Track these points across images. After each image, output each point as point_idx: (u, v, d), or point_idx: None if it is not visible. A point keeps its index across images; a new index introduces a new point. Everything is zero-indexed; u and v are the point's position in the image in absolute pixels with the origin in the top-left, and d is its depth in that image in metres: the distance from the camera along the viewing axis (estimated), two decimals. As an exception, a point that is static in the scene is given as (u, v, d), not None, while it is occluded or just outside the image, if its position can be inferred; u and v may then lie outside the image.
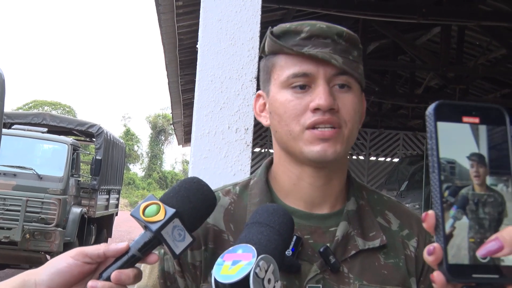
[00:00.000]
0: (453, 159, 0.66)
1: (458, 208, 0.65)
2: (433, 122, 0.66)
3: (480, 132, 0.67)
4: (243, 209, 1.12)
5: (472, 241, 0.64)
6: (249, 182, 1.17)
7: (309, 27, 1.05)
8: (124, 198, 34.91)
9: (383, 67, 8.02)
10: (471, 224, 0.65)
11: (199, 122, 2.01)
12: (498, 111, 0.68)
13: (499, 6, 6.10)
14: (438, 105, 0.66)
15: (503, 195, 0.66)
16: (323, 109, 1.01)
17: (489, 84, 8.93)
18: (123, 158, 14.35)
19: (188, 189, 0.96)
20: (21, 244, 8.53)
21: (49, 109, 38.64)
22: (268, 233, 0.91)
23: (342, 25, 1.12)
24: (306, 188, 1.10)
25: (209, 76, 2.01)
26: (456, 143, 0.66)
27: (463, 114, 0.67)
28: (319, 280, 1.04)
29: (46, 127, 10.67)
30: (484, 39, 7.28)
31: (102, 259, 0.90)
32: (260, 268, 0.82)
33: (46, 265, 0.90)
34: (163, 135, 46.31)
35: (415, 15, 4.96)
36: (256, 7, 2.01)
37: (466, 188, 0.65)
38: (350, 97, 1.05)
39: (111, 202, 12.89)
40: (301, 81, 1.04)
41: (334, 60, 1.02)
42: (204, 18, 2.02)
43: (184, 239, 0.91)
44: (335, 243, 1.06)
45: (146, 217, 0.89)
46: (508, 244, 0.62)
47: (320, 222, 1.10)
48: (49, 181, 9.28)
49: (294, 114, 1.04)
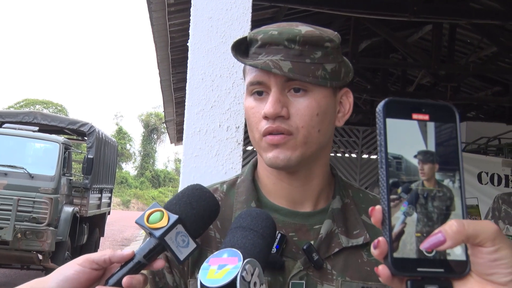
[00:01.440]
0: (402, 155, 0.66)
1: (409, 204, 0.66)
2: (382, 119, 0.67)
3: (429, 129, 0.68)
4: (229, 207, 1.14)
5: (418, 236, 0.65)
6: (236, 180, 1.19)
7: (262, 35, 1.06)
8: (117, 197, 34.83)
9: (374, 65, 8.04)
10: (419, 218, 0.65)
11: (190, 120, 2.01)
12: (448, 109, 0.69)
13: (490, 4, 6.13)
14: (387, 102, 0.68)
15: (451, 189, 0.67)
16: (269, 117, 1.03)
17: (480, 82, 8.98)
18: (115, 157, 14.30)
19: (191, 195, 0.98)
20: (13, 244, 8.48)
21: (41, 108, 38.45)
22: (252, 237, 0.93)
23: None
24: (285, 189, 1.12)
25: (200, 74, 2.00)
26: (405, 140, 0.67)
27: (413, 111, 0.68)
28: (302, 276, 1.06)
29: (37, 126, 10.61)
30: (475, 37, 7.31)
31: (108, 265, 0.92)
32: (246, 271, 0.83)
33: (54, 273, 0.92)
34: (155, 133, 46.22)
35: (406, 13, 4.97)
36: (247, 5, 2.01)
37: (415, 183, 0.66)
38: (305, 102, 1.05)
39: (103, 201, 12.84)
40: (257, 88, 1.07)
41: (276, 69, 1.02)
42: (195, 16, 2.01)
43: (188, 245, 0.93)
44: (319, 241, 1.08)
45: (150, 224, 0.91)
46: (450, 237, 0.62)
47: (304, 220, 1.11)
48: (40, 180, 9.23)
49: (254, 122, 1.07)
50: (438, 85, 8.45)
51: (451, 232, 0.63)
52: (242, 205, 1.12)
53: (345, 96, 1.12)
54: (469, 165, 6.46)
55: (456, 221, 0.63)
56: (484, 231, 0.63)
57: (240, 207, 1.12)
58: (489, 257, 0.63)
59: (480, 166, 6.46)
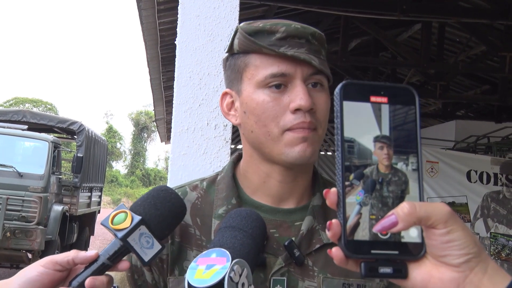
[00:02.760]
0: (356, 139, 0.66)
1: (365, 191, 0.65)
2: (339, 102, 0.66)
3: (385, 112, 0.67)
4: (209, 204, 1.13)
5: (373, 218, 0.65)
6: (216, 177, 1.18)
7: (284, 27, 1.05)
8: (107, 196, 34.68)
9: (364, 63, 8.04)
10: (373, 203, 0.65)
11: (178, 119, 2.00)
12: (407, 91, 0.68)
13: (478, 3, 6.17)
14: (344, 85, 0.66)
15: (406, 173, 0.67)
16: (304, 109, 1.02)
17: (469, 80, 9.03)
18: (105, 156, 14.24)
19: (156, 197, 0.97)
20: (2, 243, 8.43)
21: (30, 106, 38.20)
22: (242, 237, 0.92)
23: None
24: (274, 185, 1.11)
25: (187, 72, 2.00)
26: (361, 123, 0.66)
27: (371, 94, 0.67)
28: (283, 273, 1.06)
29: (27, 125, 10.56)
30: (464, 36, 7.35)
31: (71, 266, 0.91)
32: (234, 272, 0.83)
33: (17, 275, 0.90)
34: (145, 132, 46.05)
35: (395, 11, 4.99)
36: (234, 3, 2.01)
37: (370, 168, 0.66)
38: (323, 97, 1.07)
39: (93, 200, 12.79)
40: (278, 80, 1.04)
41: (313, 60, 1.03)
42: (182, 14, 2.01)
43: (152, 246, 0.92)
44: (300, 237, 1.08)
45: (114, 225, 0.90)
46: (402, 219, 0.62)
47: (285, 217, 1.11)
48: (29, 178, 9.19)
49: (273, 115, 1.04)
50: (427, 83, 8.48)
51: (403, 214, 0.63)
52: (223, 202, 1.12)
53: None
54: (458, 163, 6.49)
55: (408, 203, 0.63)
56: (436, 213, 0.63)
57: (220, 204, 1.12)
58: (441, 239, 0.63)
59: (469, 164, 6.49)
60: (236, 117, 1.13)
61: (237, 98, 1.12)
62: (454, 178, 6.46)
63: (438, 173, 6.46)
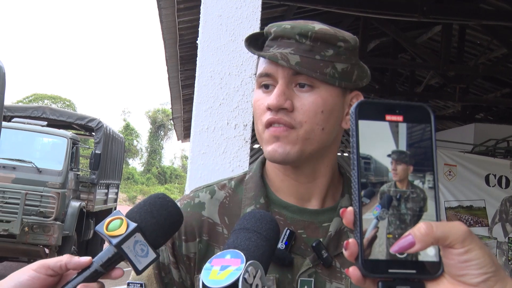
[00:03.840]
0: (373, 156, 0.66)
1: (382, 207, 0.65)
2: (355, 120, 0.66)
3: (401, 130, 0.67)
4: (237, 203, 1.13)
5: (390, 237, 0.65)
6: (245, 177, 1.19)
7: (275, 28, 1.07)
8: (123, 193, 34.91)
9: (383, 65, 8.00)
10: (391, 220, 0.65)
11: (198, 118, 2.01)
12: (422, 109, 0.68)
13: (500, 5, 6.10)
14: (360, 104, 0.67)
15: (424, 190, 0.67)
16: (272, 108, 1.04)
17: (489, 83, 8.93)
18: (122, 153, 14.34)
19: (152, 204, 0.95)
20: (20, 237, 8.55)
21: (49, 103, 38.60)
22: (256, 239, 0.92)
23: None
24: (292, 185, 1.12)
25: (208, 72, 2.01)
26: (377, 141, 0.66)
27: (387, 113, 0.67)
28: (311, 274, 1.06)
29: (46, 121, 10.67)
30: (485, 38, 7.27)
31: (64, 272, 0.89)
32: (249, 273, 0.83)
33: (8, 278, 0.89)
34: (162, 130, 46.29)
35: (415, 13, 4.95)
36: (257, 3, 2.01)
37: (388, 185, 0.66)
38: (310, 98, 1.05)
39: (109, 197, 12.90)
40: (266, 80, 1.07)
41: (283, 60, 1.02)
42: (205, 14, 2.02)
43: (147, 255, 0.90)
44: (328, 238, 1.08)
45: (108, 232, 0.88)
46: (419, 240, 0.62)
47: (313, 217, 1.11)
48: (48, 174, 9.29)
49: (258, 113, 1.08)
50: (446, 86, 8.40)
51: (420, 234, 0.62)
52: (251, 201, 1.12)
53: (355, 99, 1.11)
54: (477, 167, 6.42)
55: (425, 223, 0.63)
56: (453, 232, 0.63)
57: (248, 203, 1.12)
58: (459, 258, 0.63)
59: (488, 168, 6.42)
60: None
61: None
62: (473, 182, 6.39)
63: (456, 176, 6.40)
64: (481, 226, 6.29)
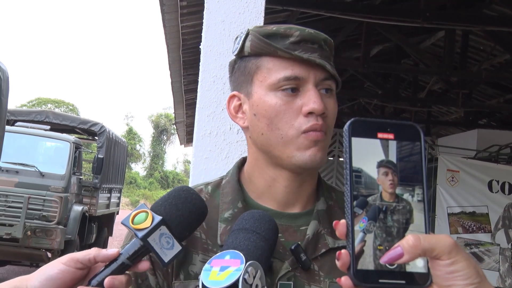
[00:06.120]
0: (364, 171, 0.70)
1: (369, 219, 0.69)
2: (348, 138, 0.70)
3: (392, 147, 0.71)
4: (215, 208, 1.13)
5: (380, 248, 0.68)
6: (221, 181, 1.18)
7: (299, 31, 1.07)
8: (126, 197, 34.93)
9: (386, 70, 8.00)
10: (379, 233, 0.68)
11: (200, 123, 2.01)
12: (412, 128, 0.73)
13: (504, 11, 6.10)
14: (353, 122, 0.71)
15: (411, 203, 0.70)
16: (317, 113, 1.04)
17: (492, 89, 8.92)
18: (125, 157, 14.36)
19: (177, 197, 0.96)
20: (22, 241, 8.55)
21: (52, 107, 38.70)
22: (255, 239, 0.92)
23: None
24: (280, 191, 1.12)
25: (211, 77, 2.01)
26: (369, 157, 0.70)
27: (378, 131, 0.71)
28: (290, 277, 1.06)
29: (49, 125, 10.70)
30: (488, 44, 7.26)
31: (92, 264, 0.91)
32: (248, 274, 0.84)
33: (38, 272, 0.90)
34: (165, 134, 46.33)
35: (419, 19, 4.95)
36: (260, 8, 2.02)
37: (373, 197, 0.69)
38: (333, 103, 1.08)
39: (112, 201, 12.90)
40: (292, 84, 1.06)
41: (327, 65, 1.05)
42: (208, 19, 2.02)
43: (172, 247, 0.91)
44: (306, 241, 1.08)
45: (134, 225, 0.90)
46: (407, 251, 0.66)
47: (291, 221, 1.12)
48: (51, 178, 9.30)
49: (287, 118, 1.05)
50: (449, 91, 8.40)
51: (408, 246, 0.66)
52: (229, 206, 1.12)
53: None
54: (480, 173, 6.41)
55: (413, 235, 0.67)
56: (440, 244, 0.66)
57: (226, 208, 1.12)
58: (446, 270, 0.67)
59: (491, 174, 6.41)
60: (244, 119, 1.14)
61: (246, 100, 1.12)
62: (475, 188, 6.38)
63: (459, 182, 6.39)
64: (484, 232, 6.27)
